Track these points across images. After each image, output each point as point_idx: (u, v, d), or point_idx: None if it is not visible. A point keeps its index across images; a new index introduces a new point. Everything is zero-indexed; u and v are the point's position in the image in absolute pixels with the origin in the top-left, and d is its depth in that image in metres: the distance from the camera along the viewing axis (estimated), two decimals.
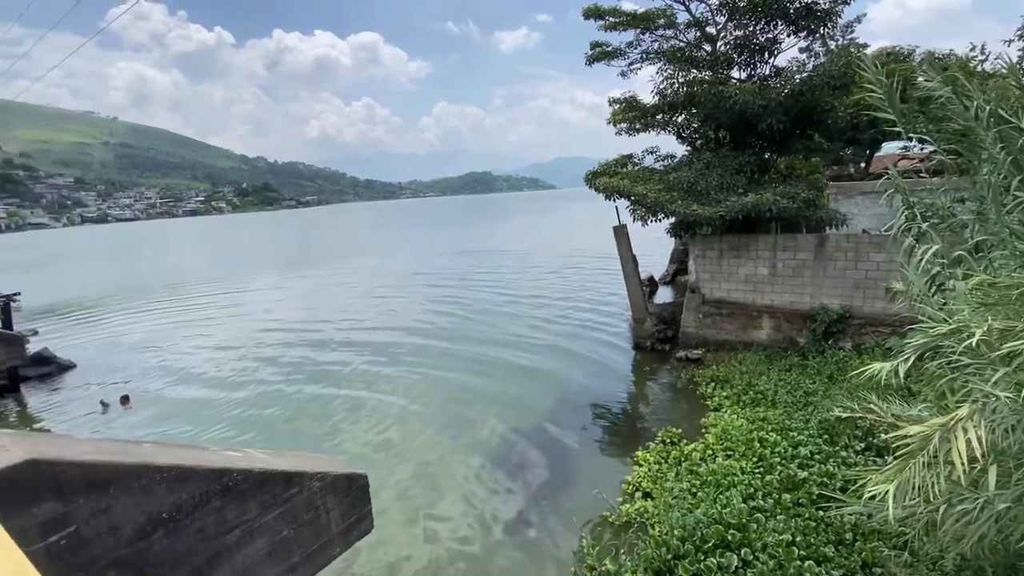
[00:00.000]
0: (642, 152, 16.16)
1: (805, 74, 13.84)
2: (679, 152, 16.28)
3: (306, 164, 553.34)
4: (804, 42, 15.12)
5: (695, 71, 14.96)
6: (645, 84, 15.98)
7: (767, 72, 14.79)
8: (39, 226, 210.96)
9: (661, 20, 15.32)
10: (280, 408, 12.69)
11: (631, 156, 16.02)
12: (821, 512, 6.46)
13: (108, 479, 3.67)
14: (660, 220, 13.73)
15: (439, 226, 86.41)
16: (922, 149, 11.35)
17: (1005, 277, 3.20)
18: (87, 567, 3.63)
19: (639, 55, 15.85)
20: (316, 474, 5.24)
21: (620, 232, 14.71)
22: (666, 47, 15.58)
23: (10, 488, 2.10)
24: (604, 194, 13.65)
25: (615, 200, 13.77)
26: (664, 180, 13.62)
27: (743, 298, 13.47)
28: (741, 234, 13.46)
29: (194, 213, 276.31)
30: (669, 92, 14.99)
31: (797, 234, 13.17)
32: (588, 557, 6.65)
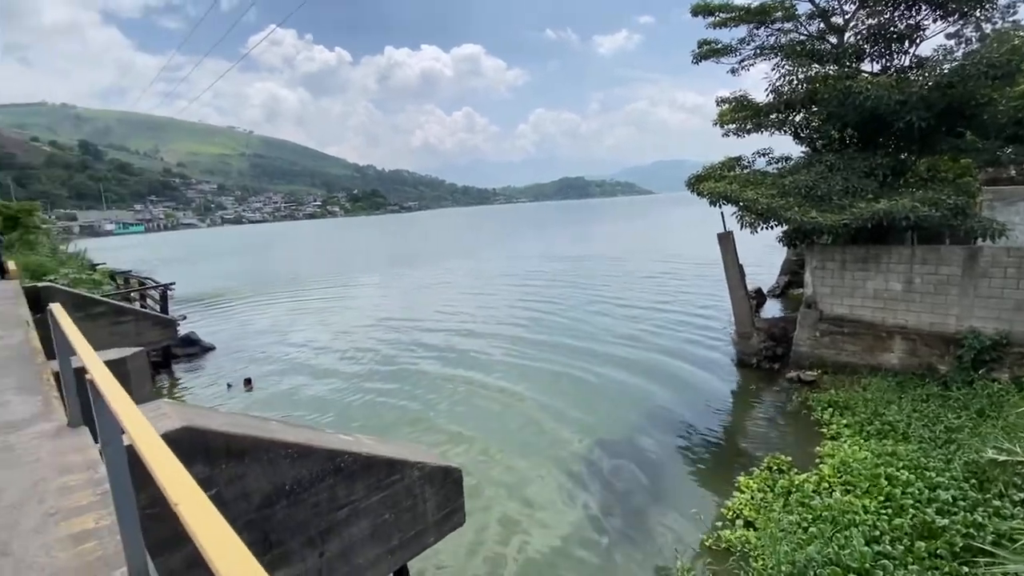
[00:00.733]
0: (752, 154, 15.08)
1: (955, 63, 12.08)
2: (795, 153, 14.99)
3: (410, 172, 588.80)
4: (953, 27, 13.21)
5: (817, 66, 13.69)
6: (757, 82, 14.94)
7: (906, 63, 13.12)
8: (189, 226, 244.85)
9: (778, 13, 14.25)
10: (382, 395, 13.53)
11: (739, 159, 15.01)
12: (966, 568, 5.54)
13: (244, 450, 4.14)
14: (772, 228, 12.69)
15: (531, 231, 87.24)
16: None
17: None
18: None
19: (752, 51, 14.85)
20: (416, 464, 5.52)
21: (725, 240, 13.82)
22: (784, 41, 14.45)
23: (181, 447, 2.46)
24: (709, 199, 12.89)
25: (720, 206, 12.96)
26: (778, 184, 12.57)
27: (870, 316, 12.00)
28: (870, 244, 12.03)
29: (312, 216, 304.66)
30: (786, 89, 13.85)
31: (940, 246, 11.48)
32: None
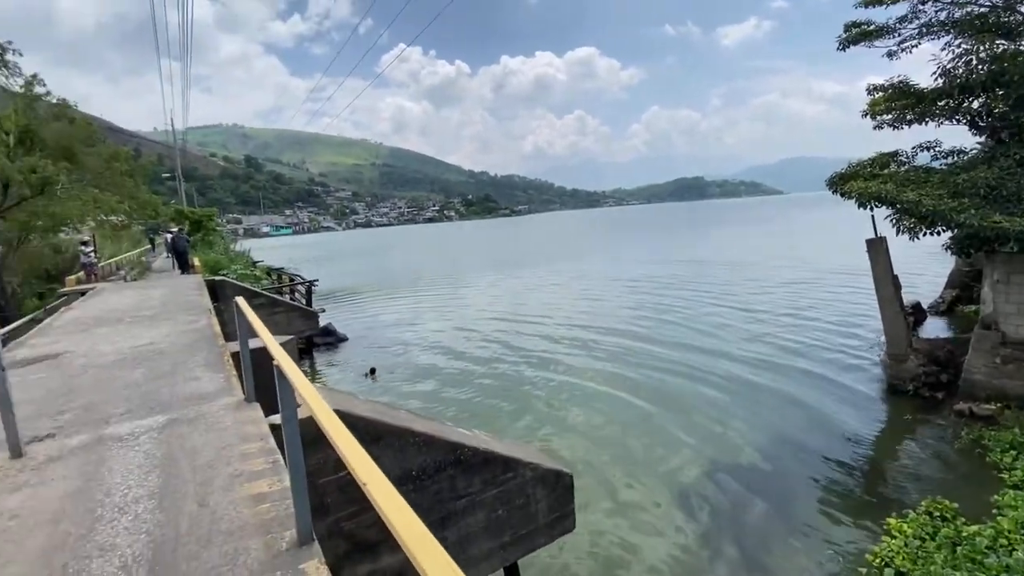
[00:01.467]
0: (912, 149, 13.06)
1: None
2: (968, 146, 12.70)
3: (520, 176, 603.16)
4: None
5: (1004, 41, 11.50)
6: (920, 65, 12.80)
7: None
8: (328, 229, 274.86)
9: None
10: (495, 392, 14.01)
11: (895, 154, 13.10)
12: None
13: (380, 435, 4.54)
14: (937, 233, 10.88)
15: (642, 233, 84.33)
16: None
17: None
18: (362, 502, 4.51)
19: (915, 30, 12.90)
20: (529, 464, 5.62)
21: (876, 247, 12.14)
22: (959, 15, 12.34)
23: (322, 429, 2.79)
24: (857, 201, 11.41)
25: (871, 208, 11.41)
26: (948, 183, 10.76)
27: None
28: None
29: (430, 220, 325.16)
30: (962, 71, 11.80)
31: None
32: None
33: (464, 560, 5.14)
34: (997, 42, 11.52)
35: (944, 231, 10.78)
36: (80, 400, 4.66)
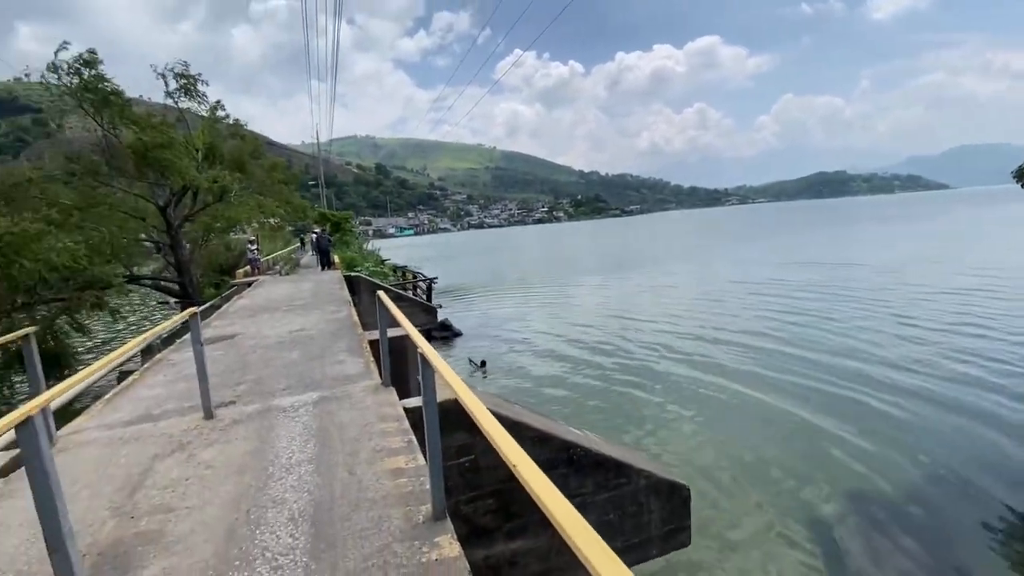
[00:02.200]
0: None
1: None
2: None
3: (633, 175, 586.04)
4: None
5: None
6: None
7: None
8: (444, 230, 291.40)
9: None
10: (601, 394, 13.83)
11: None
12: None
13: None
14: None
15: (769, 234, 77.15)
16: None
17: None
18: (478, 488, 4.75)
19: None
20: (642, 471, 5.48)
21: None
22: None
23: (445, 416, 2.98)
24: None
25: None
26: None
27: None
28: None
29: (539, 221, 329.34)
30: None
31: None
32: None
33: (575, 559, 5.16)
34: None
35: None
36: (252, 375, 5.50)
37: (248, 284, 15.87)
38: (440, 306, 26.36)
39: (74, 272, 13.13)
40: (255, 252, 18.79)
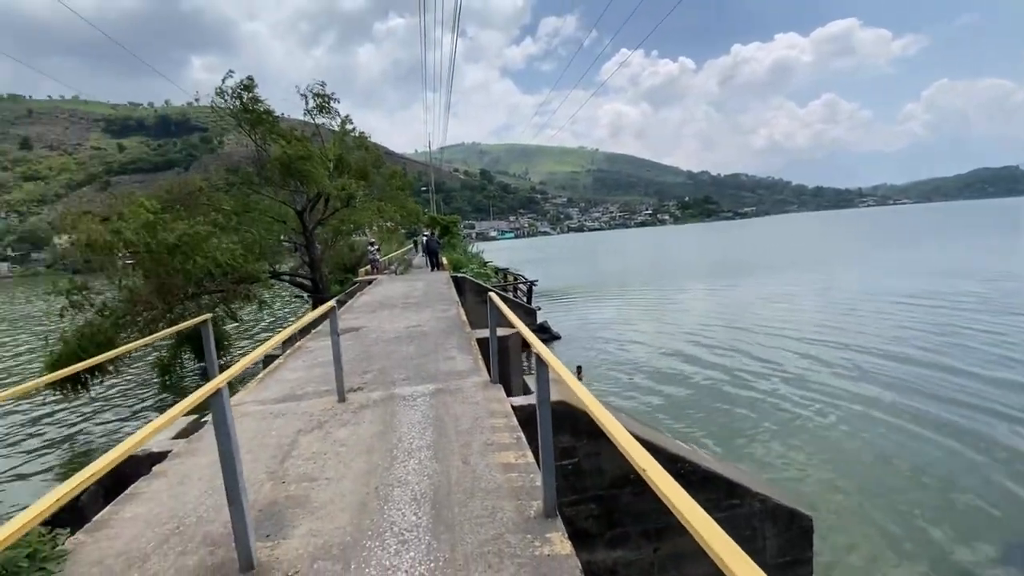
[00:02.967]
0: None
1: None
2: None
3: (748, 175, 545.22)
4: None
5: None
6: None
7: None
8: (544, 233, 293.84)
9: None
10: (713, 408, 13.03)
11: None
12: None
13: (600, 431, 4.74)
14: None
15: (916, 240, 67.16)
16: None
17: None
18: (581, 492, 4.76)
19: None
20: (757, 494, 5.11)
21: None
22: None
23: (554, 417, 3.04)
24: None
25: None
26: None
27: None
28: None
29: (642, 224, 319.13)
30: None
31: None
32: None
33: None
34: None
35: None
36: (376, 365, 6.04)
37: (368, 282, 17.36)
38: (539, 308, 26.63)
39: (233, 268, 15.35)
40: (375, 253, 20.50)
